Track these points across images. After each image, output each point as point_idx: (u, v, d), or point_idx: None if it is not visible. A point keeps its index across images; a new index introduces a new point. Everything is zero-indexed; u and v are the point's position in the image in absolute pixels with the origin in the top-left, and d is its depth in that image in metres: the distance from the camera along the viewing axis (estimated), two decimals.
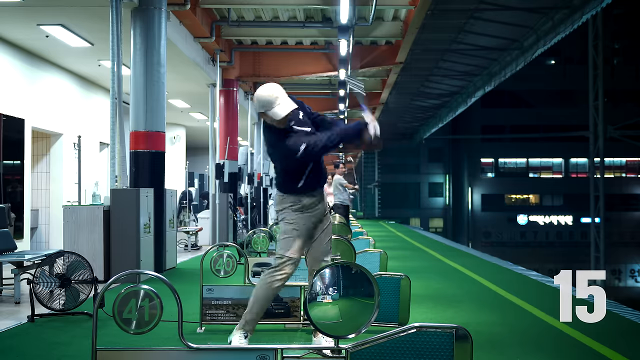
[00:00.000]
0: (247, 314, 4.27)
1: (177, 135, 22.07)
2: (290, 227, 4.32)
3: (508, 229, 46.68)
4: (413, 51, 15.97)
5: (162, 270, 9.15)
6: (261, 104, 4.15)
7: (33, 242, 12.54)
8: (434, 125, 34.23)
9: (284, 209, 4.38)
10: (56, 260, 5.57)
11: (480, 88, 23.18)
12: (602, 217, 27.96)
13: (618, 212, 41.67)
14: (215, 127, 15.21)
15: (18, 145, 11.33)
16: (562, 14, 15.36)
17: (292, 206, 4.34)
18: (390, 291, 5.18)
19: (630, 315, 6.14)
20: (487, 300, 7.14)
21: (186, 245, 13.19)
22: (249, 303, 4.30)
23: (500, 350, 4.64)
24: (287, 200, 4.37)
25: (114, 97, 8.31)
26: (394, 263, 10.10)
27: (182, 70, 13.25)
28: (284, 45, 15.46)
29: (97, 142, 15.06)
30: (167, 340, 4.54)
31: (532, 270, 11.11)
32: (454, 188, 49.95)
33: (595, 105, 28.05)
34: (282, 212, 4.40)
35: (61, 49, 11.43)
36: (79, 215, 8.15)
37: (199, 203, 18.24)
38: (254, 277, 6.32)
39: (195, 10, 11.36)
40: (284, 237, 4.32)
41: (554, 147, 44.90)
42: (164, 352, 2.89)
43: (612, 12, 32.99)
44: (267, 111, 4.13)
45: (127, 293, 2.83)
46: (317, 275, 3.10)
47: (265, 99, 4.13)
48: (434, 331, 2.70)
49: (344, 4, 10.12)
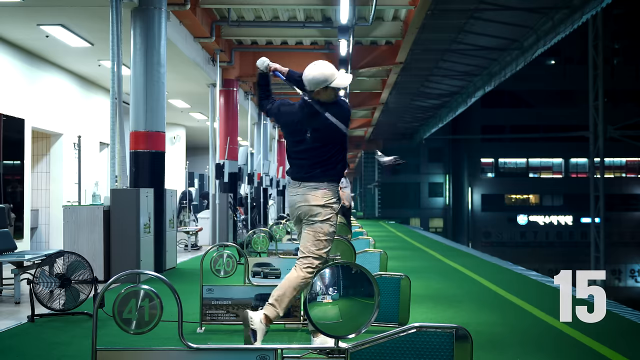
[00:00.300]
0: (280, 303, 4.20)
1: (177, 135, 22.07)
2: (333, 230, 4.35)
3: (508, 229, 46.67)
4: (413, 51, 15.97)
5: (162, 270, 9.15)
6: (323, 78, 4.25)
7: (33, 242, 12.54)
8: (434, 125, 34.23)
9: (329, 205, 4.32)
10: (56, 260, 5.57)
11: (480, 88, 23.18)
12: (602, 217, 27.95)
13: (618, 212, 41.69)
14: (215, 127, 15.21)
15: (18, 145, 11.33)
16: (562, 14, 15.36)
17: (335, 203, 4.33)
18: (390, 291, 5.17)
19: (630, 315, 6.14)
20: (487, 300, 7.14)
21: (186, 245, 13.19)
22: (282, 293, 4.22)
23: (500, 350, 4.64)
24: (330, 193, 4.34)
25: (114, 97, 8.31)
26: (394, 263, 10.10)
27: (182, 70, 13.26)
28: (284, 45, 15.47)
29: (97, 142, 15.06)
30: (167, 340, 4.53)
31: (532, 270, 11.12)
32: (454, 188, 49.94)
33: (595, 105, 28.05)
34: (325, 208, 4.31)
35: (61, 49, 11.43)
36: (79, 215, 8.15)
37: (199, 203, 18.23)
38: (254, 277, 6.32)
39: (195, 10, 11.36)
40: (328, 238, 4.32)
41: (554, 147, 44.90)
42: (164, 352, 2.88)
43: (612, 12, 32.99)
44: (331, 83, 4.25)
45: (127, 293, 2.83)
46: (317, 276, 3.10)
47: (326, 72, 4.26)
48: (434, 331, 2.70)
49: (344, 4, 10.12)
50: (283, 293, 4.18)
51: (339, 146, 4.38)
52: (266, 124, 21.69)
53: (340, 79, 4.30)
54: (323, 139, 4.33)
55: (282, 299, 4.17)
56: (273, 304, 4.15)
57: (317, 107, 4.32)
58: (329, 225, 4.31)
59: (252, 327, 4.02)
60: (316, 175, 4.32)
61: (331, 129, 4.32)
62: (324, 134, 4.32)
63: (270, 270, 6.53)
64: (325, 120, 4.31)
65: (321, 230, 4.29)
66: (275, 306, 4.14)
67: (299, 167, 4.42)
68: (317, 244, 4.28)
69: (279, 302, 4.16)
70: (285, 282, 4.26)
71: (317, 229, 4.29)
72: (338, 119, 4.32)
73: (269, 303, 4.17)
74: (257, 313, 4.09)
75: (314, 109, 4.32)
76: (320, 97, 4.30)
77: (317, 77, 4.26)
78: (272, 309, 4.14)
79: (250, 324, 4.03)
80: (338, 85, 4.28)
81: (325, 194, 4.30)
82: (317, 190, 4.30)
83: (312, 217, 4.31)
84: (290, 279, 4.25)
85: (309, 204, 4.31)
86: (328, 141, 4.34)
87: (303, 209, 4.34)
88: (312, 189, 4.31)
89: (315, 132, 4.33)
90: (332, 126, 4.31)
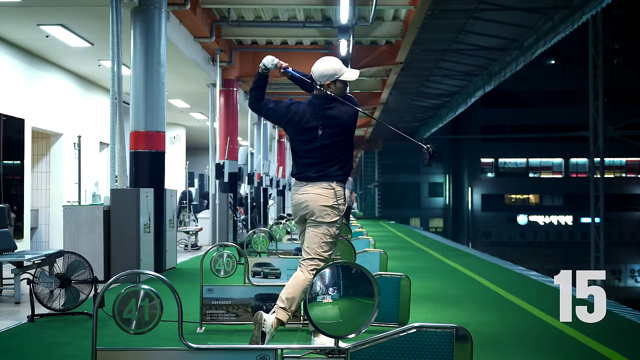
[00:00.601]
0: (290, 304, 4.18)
1: (177, 135, 22.07)
2: (338, 232, 4.35)
3: (508, 229, 46.67)
4: (413, 51, 15.98)
5: (162, 270, 9.15)
6: (333, 71, 4.32)
7: (33, 242, 12.54)
8: (434, 125, 34.24)
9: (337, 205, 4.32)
10: (56, 260, 5.57)
11: (480, 88, 23.19)
12: (602, 217, 27.96)
13: (618, 212, 41.69)
14: (215, 127, 15.21)
15: (18, 145, 11.33)
16: (562, 14, 15.37)
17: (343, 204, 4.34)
18: (390, 291, 5.17)
19: (630, 315, 6.14)
20: (487, 300, 7.13)
21: (186, 245, 13.19)
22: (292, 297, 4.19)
23: (500, 350, 4.64)
24: (340, 194, 4.34)
25: (114, 97, 8.31)
26: (394, 263, 10.10)
27: (182, 70, 13.26)
28: (284, 45, 15.47)
29: (97, 142, 15.06)
30: (167, 340, 4.54)
31: (532, 270, 11.12)
32: (454, 188, 49.93)
33: (595, 105, 28.06)
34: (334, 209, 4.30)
35: (61, 49, 11.43)
36: (79, 215, 8.15)
37: (199, 203, 18.23)
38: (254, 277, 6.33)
39: (195, 10, 11.36)
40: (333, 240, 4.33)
41: (554, 147, 44.91)
42: (164, 352, 2.88)
43: (612, 12, 33.01)
44: (340, 76, 4.32)
45: (127, 293, 2.83)
46: (317, 276, 3.10)
47: (336, 66, 4.34)
48: (434, 331, 2.70)
49: (344, 4, 10.12)
50: (293, 297, 4.16)
51: (348, 143, 4.40)
52: (266, 124, 21.69)
53: (349, 72, 4.38)
54: (333, 135, 4.32)
55: (292, 302, 4.16)
56: (285, 308, 4.13)
57: (326, 102, 4.34)
58: (336, 227, 4.31)
59: (264, 329, 4.00)
60: (327, 175, 4.30)
61: (341, 124, 4.33)
62: (334, 130, 4.32)
63: (270, 270, 6.53)
64: (335, 115, 4.32)
65: (328, 232, 4.28)
66: (287, 310, 4.13)
67: (307, 166, 4.37)
68: (323, 245, 4.27)
69: (289, 306, 4.15)
70: (293, 285, 4.21)
71: (324, 231, 4.28)
72: (347, 113, 4.35)
73: (281, 307, 4.13)
74: (270, 316, 4.06)
75: (324, 104, 4.34)
76: (329, 91, 4.33)
77: (327, 70, 4.31)
78: (284, 313, 4.12)
79: (262, 326, 4.01)
80: (347, 79, 4.35)
81: (335, 194, 4.29)
82: (327, 190, 4.28)
83: (319, 217, 4.28)
84: (298, 281, 4.22)
85: (318, 204, 4.27)
86: (338, 138, 4.33)
87: (310, 209, 4.30)
88: (322, 188, 4.29)
89: (326, 128, 4.32)
90: (341, 120, 4.33)
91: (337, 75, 4.31)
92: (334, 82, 4.32)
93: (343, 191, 4.36)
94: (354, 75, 4.40)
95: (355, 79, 4.42)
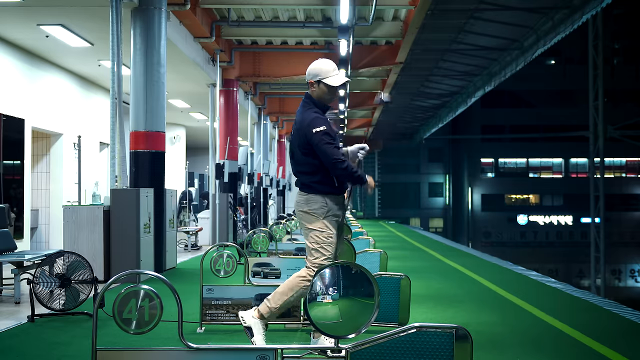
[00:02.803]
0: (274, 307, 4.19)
1: (177, 135, 22.08)
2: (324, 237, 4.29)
3: (508, 229, 46.67)
4: (413, 51, 15.97)
5: (162, 270, 9.16)
6: (317, 71, 4.27)
7: (33, 242, 12.54)
8: (434, 125, 34.23)
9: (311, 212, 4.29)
10: (56, 260, 5.57)
11: (480, 88, 23.18)
12: (602, 217, 27.95)
13: (618, 212, 41.71)
14: (215, 127, 15.21)
15: (18, 145, 11.33)
16: (562, 14, 15.36)
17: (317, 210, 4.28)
18: (390, 291, 5.17)
19: (630, 315, 6.14)
20: (487, 300, 7.14)
21: (186, 245, 13.19)
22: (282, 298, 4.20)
23: (500, 350, 4.64)
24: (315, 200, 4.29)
25: (114, 97, 8.31)
26: (394, 263, 10.11)
27: (182, 70, 13.26)
28: (284, 45, 15.47)
29: (97, 142, 15.06)
30: (167, 340, 4.54)
31: (532, 270, 11.12)
32: (454, 188, 49.94)
33: (595, 105, 28.05)
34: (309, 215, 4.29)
35: (61, 49, 11.43)
36: (79, 215, 8.15)
37: (199, 203, 18.23)
38: (254, 277, 6.33)
39: (195, 10, 11.36)
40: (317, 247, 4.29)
41: (554, 147, 44.92)
42: (164, 352, 2.88)
43: (612, 12, 33.00)
44: (323, 79, 4.24)
45: (127, 293, 2.83)
46: (317, 276, 3.10)
47: (323, 67, 4.27)
48: (434, 331, 2.70)
49: (344, 4, 10.11)
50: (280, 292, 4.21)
51: (309, 152, 4.24)
52: (266, 124, 21.69)
53: (333, 78, 4.26)
54: (294, 139, 4.35)
55: (274, 295, 4.21)
56: (269, 300, 4.21)
57: (303, 104, 4.37)
58: (318, 231, 4.22)
59: (244, 324, 4.13)
60: (302, 182, 4.35)
61: (297, 128, 4.28)
62: (294, 134, 4.36)
63: (270, 270, 6.54)
64: (297, 119, 4.32)
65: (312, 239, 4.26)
66: (269, 301, 4.19)
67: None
68: (313, 253, 4.26)
69: (272, 298, 4.20)
70: (285, 283, 4.30)
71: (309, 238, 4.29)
72: (302, 122, 4.23)
73: (266, 299, 4.26)
74: (248, 311, 4.20)
75: (302, 104, 4.37)
76: (311, 90, 4.32)
77: (314, 69, 4.31)
78: (264, 306, 4.19)
79: (243, 322, 4.14)
80: (328, 82, 4.24)
81: (306, 200, 4.28)
82: (301, 197, 4.34)
83: (302, 222, 4.33)
84: (290, 279, 4.29)
85: (298, 210, 4.35)
86: (296, 142, 4.30)
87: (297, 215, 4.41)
88: (299, 195, 4.37)
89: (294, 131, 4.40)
90: (298, 125, 4.27)
91: (319, 76, 4.26)
92: (317, 82, 4.28)
93: (321, 198, 4.25)
94: (336, 81, 4.24)
95: (336, 84, 4.24)
